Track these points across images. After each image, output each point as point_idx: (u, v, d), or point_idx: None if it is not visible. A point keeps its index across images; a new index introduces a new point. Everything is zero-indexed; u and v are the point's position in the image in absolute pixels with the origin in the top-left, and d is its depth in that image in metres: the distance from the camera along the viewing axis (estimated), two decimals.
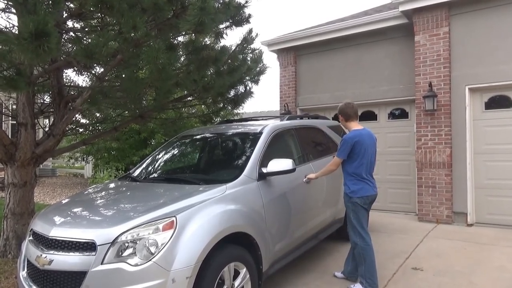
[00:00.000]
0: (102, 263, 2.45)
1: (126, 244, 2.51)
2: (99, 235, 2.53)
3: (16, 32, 3.59)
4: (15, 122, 4.75)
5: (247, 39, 5.17)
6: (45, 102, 6.04)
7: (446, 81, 6.30)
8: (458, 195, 6.19)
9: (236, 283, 2.93)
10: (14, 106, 5.03)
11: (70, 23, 4.66)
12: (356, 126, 3.80)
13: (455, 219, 6.22)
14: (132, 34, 3.47)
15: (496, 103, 6.15)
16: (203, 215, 2.77)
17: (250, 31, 5.14)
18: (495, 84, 5.98)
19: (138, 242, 2.51)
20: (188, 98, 5.82)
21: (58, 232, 2.68)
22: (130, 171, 4.39)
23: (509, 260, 4.37)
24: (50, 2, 3.24)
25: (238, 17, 4.81)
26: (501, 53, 5.93)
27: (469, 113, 6.22)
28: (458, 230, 5.80)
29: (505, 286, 3.66)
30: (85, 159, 13.37)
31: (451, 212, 6.22)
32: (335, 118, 7.95)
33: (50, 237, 2.69)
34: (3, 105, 7.40)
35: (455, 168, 6.23)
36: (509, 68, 5.84)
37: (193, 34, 4.42)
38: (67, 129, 5.17)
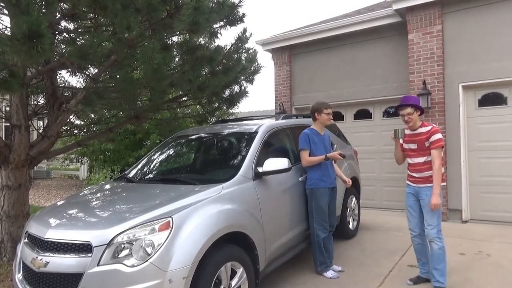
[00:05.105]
0: (98, 265, 2.44)
1: (122, 245, 2.51)
2: (95, 236, 2.53)
3: (9, 33, 3.56)
4: (8, 124, 4.72)
5: (242, 39, 5.16)
6: (39, 103, 5.99)
7: (440, 79, 6.34)
8: (453, 192, 6.24)
9: (233, 282, 2.93)
10: (8, 108, 4.99)
11: (63, 24, 4.64)
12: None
13: (450, 216, 6.26)
14: (126, 35, 3.45)
15: (489, 100, 6.20)
16: (199, 215, 2.77)
17: (245, 30, 5.14)
18: (488, 81, 6.03)
19: (134, 243, 2.50)
20: (183, 98, 5.81)
21: (53, 234, 2.67)
22: (126, 172, 4.38)
23: (504, 256, 4.40)
24: (43, 3, 3.22)
25: (232, 17, 4.80)
26: (494, 51, 5.97)
27: (462, 111, 6.27)
28: (453, 227, 5.84)
29: (500, 282, 3.69)
30: (80, 160, 13.29)
31: (446, 209, 6.25)
32: None
33: (45, 239, 2.68)
34: None
35: (450, 166, 6.27)
36: (502, 66, 5.89)
37: (188, 34, 4.42)
38: (61, 130, 5.14)
